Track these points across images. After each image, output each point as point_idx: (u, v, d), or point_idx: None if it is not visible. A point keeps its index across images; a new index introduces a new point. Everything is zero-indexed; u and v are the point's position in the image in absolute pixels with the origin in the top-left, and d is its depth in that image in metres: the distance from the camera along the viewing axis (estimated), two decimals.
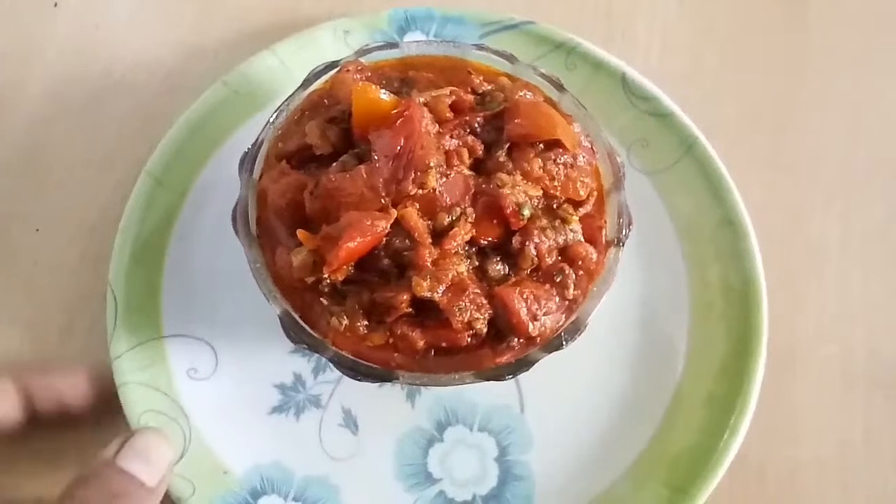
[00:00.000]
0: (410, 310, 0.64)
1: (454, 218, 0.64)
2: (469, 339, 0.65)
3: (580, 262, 0.67)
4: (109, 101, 0.91)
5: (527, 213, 0.65)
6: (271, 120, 0.72)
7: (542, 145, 0.68)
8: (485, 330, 0.64)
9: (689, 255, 0.84)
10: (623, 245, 0.69)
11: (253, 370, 0.81)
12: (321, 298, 0.65)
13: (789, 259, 0.88)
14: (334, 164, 0.65)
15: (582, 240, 0.68)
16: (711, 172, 0.85)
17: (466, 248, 0.65)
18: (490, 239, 0.66)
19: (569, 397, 0.81)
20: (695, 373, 0.81)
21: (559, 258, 0.67)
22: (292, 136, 0.71)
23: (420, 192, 0.64)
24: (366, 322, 0.65)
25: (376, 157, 0.64)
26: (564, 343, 0.66)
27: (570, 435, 0.79)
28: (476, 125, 0.67)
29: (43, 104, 0.91)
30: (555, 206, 0.68)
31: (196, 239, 0.83)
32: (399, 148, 0.63)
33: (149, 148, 0.83)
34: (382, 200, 0.63)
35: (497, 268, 0.66)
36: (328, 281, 0.64)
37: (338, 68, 0.71)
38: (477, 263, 0.66)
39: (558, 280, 0.67)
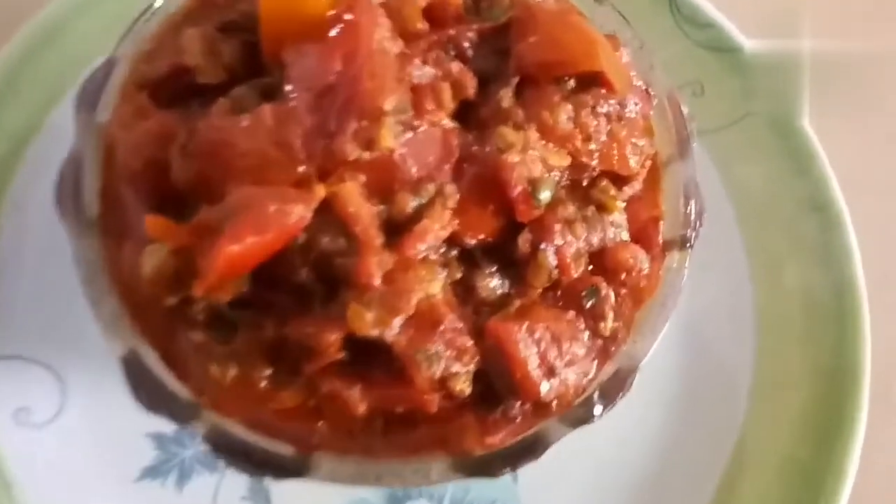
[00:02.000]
0: (343, 354, 0.46)
1: (424, 201, 0.47)
2: (443, 404, 0.48)
3: (624, 276, 0.52)
4: None
5: (545, 196, 0.48)
6: (134, 27, 0.54)
7: (572, 81, 0.51)
8: (468, 390, 0.47)
9: (756, 250, 0.70)
10: (691, 247, 0.54)
11: (116, 410, 0.62)
12: (193, 331, 0.47)
13: (883, 257, 0.72)
14: (221, 99, 0.48)
15: (627, 239, 0.53)
16: (793, 133, 0.70)
17: (444, 249, 0.49)
18: (482, 236, 0.49)
19: (581, 460, 0.64)
20: (764, 424, 0.66)
21: (591, 268, 0.51)
22: (164, 52, 0.53)
23: (367, 155, 0.45)
24: (269, 371, 0.47)
25: (293, 92, 0.45)
26: (597, 411, 0.49)
27: None
28: (466, 44, 0.51)
29: None
30: (586, 182, 0.52)
31: (36, 211, 0.65)
32: (333, 77, 0.45)
33: None
34: (301, 168, 0.45)
35: (492, 284, 0.49)
36: (205, 303, 0.46)
37: None
38: (460, 275, 0.49)
39: (589, 305, 0.50)
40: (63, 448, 0.62)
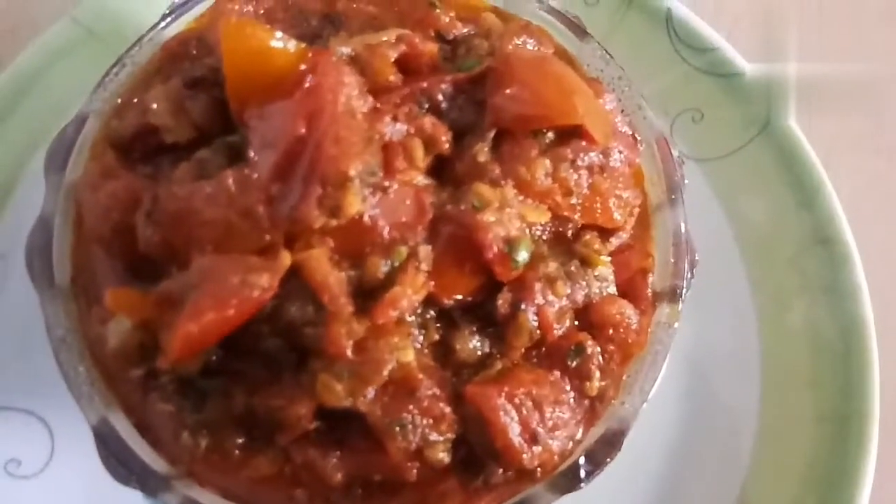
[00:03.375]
0: (316, 425, 0.44)
1: (396, 264, 0.44)
2: (424, 469, 0.45)
3: (611, 331, 0.49)
4: None
5: (522, 256, 0.45)
6: (105, 80, 0.53)
7: (551, 134, 0.48)
8: (447, 459, 0.45)
9: (760, 287, 0.67)
10: (682, 299, 0.51)
11: None
12: (162, 401, 0.44)
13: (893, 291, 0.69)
14: (184, 163, 0.46)
15: (614, 292, 0.50)
16: (799, 163, 0.68)
17: (420, 310, 0.46)
18: (460, 296, 0.46)
19: None
20: (768, 473, 0.63)
21: (576, 325, 0.49)
22: (133, 109, 0.51)
23: (332, 222, 0.42)
24: (242, 440, 0.45)
25: (255, 157, 0.42)
26: (584, 477, 0.46)
27: None
28: (440, 97, 0.48)
29: None
30: (570, 233, 0.50)
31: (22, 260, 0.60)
32: (296, 141, 0.42)
33: None
34: (267, 236, 0.42)
35: (472, 345, 0.46)
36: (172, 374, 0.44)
37: None
38: (438, 337, 0.46)
39: (575, 364, 0.47)
40: (52, 500, 0.60)
